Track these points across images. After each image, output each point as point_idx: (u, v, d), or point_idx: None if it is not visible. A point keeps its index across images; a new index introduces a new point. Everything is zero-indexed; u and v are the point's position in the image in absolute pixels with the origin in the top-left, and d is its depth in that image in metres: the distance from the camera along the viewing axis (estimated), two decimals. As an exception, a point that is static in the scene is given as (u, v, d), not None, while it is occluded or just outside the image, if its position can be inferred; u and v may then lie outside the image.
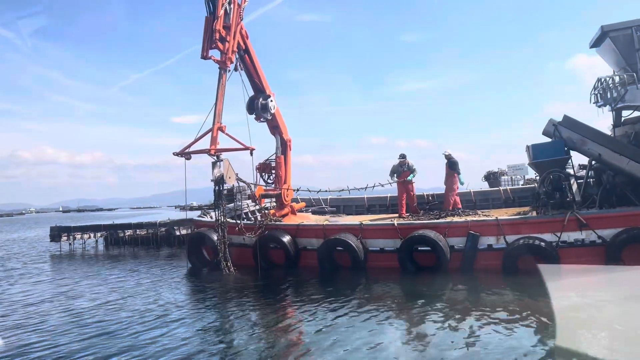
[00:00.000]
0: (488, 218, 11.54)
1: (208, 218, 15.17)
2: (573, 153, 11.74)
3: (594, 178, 12.28)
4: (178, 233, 20.78)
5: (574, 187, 10.59)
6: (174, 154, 13.05)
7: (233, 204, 15.04)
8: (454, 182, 15.02)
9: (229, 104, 13.41)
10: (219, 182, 12.30)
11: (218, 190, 12.42)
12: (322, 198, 18.73)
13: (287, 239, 12.63)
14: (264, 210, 16.25)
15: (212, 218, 15.13)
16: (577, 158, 12.18)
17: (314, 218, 16.08)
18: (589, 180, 12.42)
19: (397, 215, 15.28)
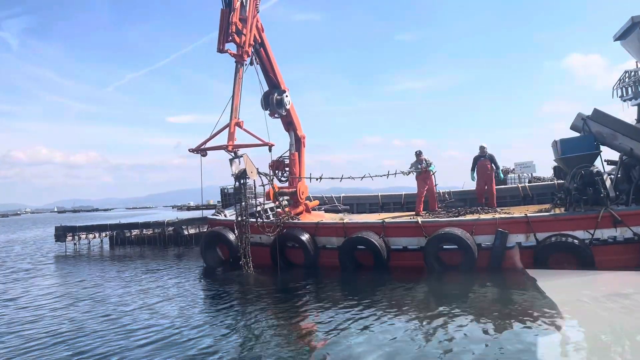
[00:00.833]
0: (517, 215, 11.21)
1: (222, 216, 14.76)
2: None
3: (621, 174, 11.99)
4: (186, 232, 20.33)
5: (608, 182, 10.25)
6: (190, 151, 12.64)
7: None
8: (493, 176, 14.83)
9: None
10: (241, 177, 11.91)
11: (240, 186, 12.02)
12: (334, 196, 18.39)
13: (306, 238, 12.23)
14: (278, 208, 15.90)
15: (226, 216, 14.74)
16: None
17: (329, 216, 15.73)
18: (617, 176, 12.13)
19: (414, 213, 14.97)
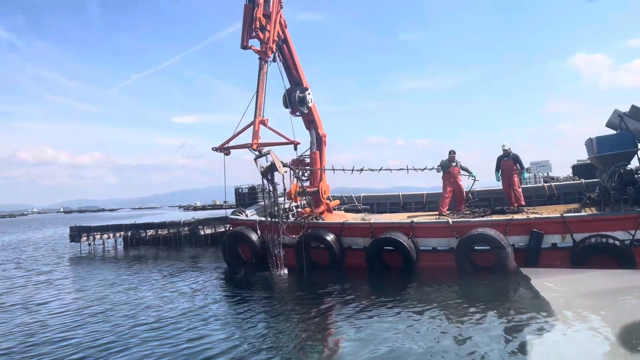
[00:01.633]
0: (552, 215, 10.88)
1: (243, 216, 14.52)
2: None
3: None
4: (202, 233, 20.10)
5: (649, 181, 9.90)
6: (213, 149, 12.40)
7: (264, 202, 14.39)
8: (516, 176, 14.46)
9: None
10: (269, 172, 11.61)
11: (269, 182, 11.73)
12: (354, 196, 18.12)
13: (331, 238, 11.96)
14: (299, 208, 15.63)
15: (247, 216, 14.49)
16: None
17: (350, 216, 15.46)
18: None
19: (437, 213, 14.67)
